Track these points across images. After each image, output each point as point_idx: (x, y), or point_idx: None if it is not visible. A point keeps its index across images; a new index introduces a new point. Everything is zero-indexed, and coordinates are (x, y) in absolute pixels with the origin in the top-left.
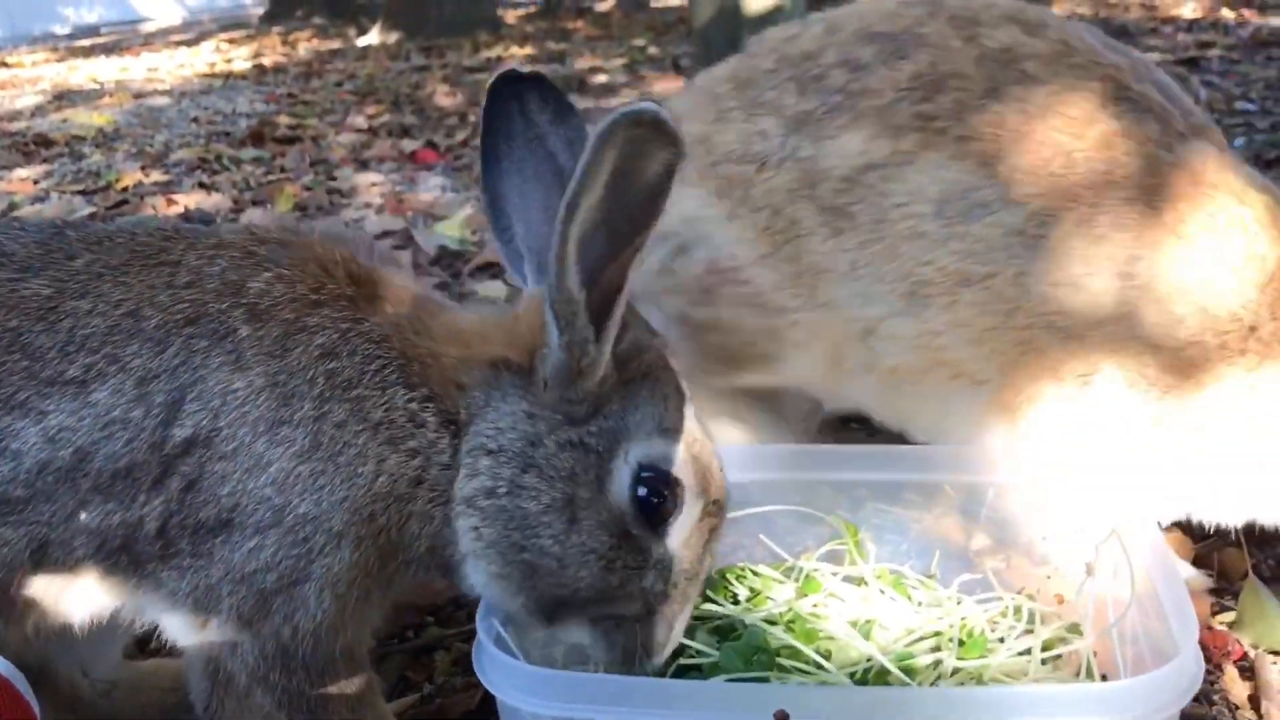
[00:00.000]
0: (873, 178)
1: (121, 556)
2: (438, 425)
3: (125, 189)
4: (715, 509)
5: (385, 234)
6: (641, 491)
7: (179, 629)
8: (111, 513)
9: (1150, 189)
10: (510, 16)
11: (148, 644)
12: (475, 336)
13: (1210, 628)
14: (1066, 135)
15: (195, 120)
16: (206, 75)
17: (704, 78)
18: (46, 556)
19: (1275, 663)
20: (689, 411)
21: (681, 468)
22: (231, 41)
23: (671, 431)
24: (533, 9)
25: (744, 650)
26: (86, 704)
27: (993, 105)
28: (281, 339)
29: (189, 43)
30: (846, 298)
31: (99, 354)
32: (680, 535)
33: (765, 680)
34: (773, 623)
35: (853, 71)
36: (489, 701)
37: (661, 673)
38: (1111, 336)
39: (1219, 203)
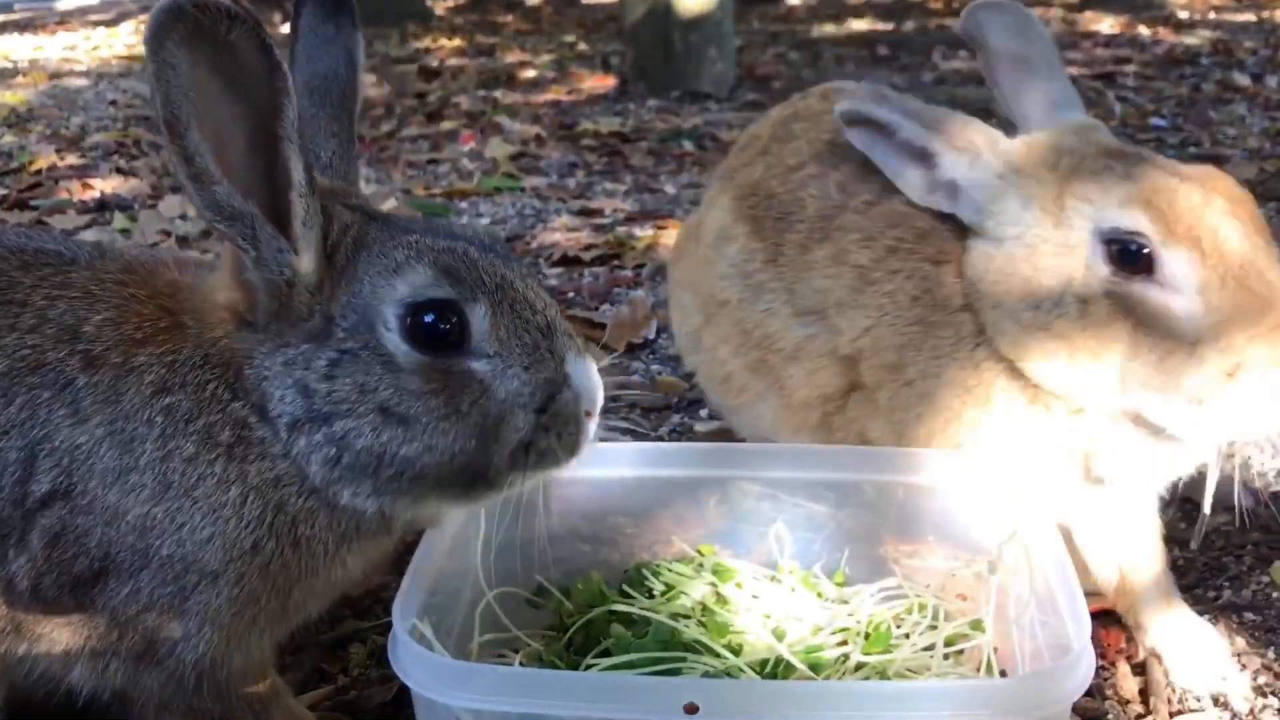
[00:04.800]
0: (705, 212)
1: (11, 615)
2: (258, 421)
3: (39, 171)
4: (502, 290)
5: None
6: (422, 335)
7: (82, 678)
8: None
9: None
10: (440, 8)
11: None
12: (213, 293)
13: (1106, 627)
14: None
15: (114, 103)
16: (126, 57)
17: None
18: None
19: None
20: (417, 237)
21: (436, 286)
22: None
23: (402, 266)
24: (463, 1)
25: (656, 643)
26: None
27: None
28: (114, 383)
29: (108, 23)
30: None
31: None
32: (488, 336)
33: (677, 673)
34: (685, 617)
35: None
36: (404, 694)
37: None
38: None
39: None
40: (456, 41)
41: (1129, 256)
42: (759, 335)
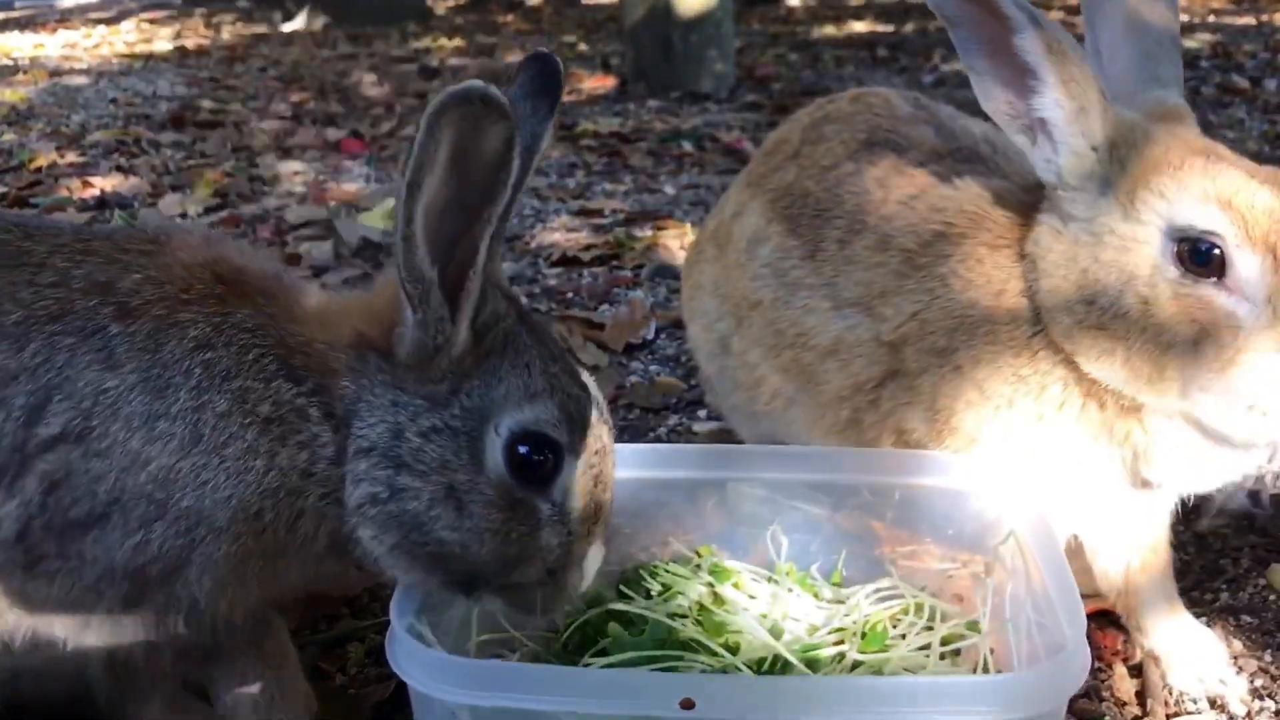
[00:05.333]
0: (733, 219)
1: None
2: (320, 418)
3: (39, 169)
4: (599, 459)
5: (307, 224)
6: (519, 460)
7: (62, 633)
8: None
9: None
10: (440, 7)
11: None
12: (338, 317)
13: (1102, 628)
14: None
15: (114, 101)
16: (126, 55)
17: None
18: None
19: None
20: (558, 370)
21: (555, 427)
22: (153, 22)
23: (539, 395)
24: (463, 1)
25: (652, 642)
26: None
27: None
28: (154, 334)
29: (109, 21)
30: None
31: None
32: (566, 490)
33: (674, 671)
34: (682, 616)
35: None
36: (402, 692)
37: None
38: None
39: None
40: (457, 41)
41: (1200, 257)
42: (793, 334)
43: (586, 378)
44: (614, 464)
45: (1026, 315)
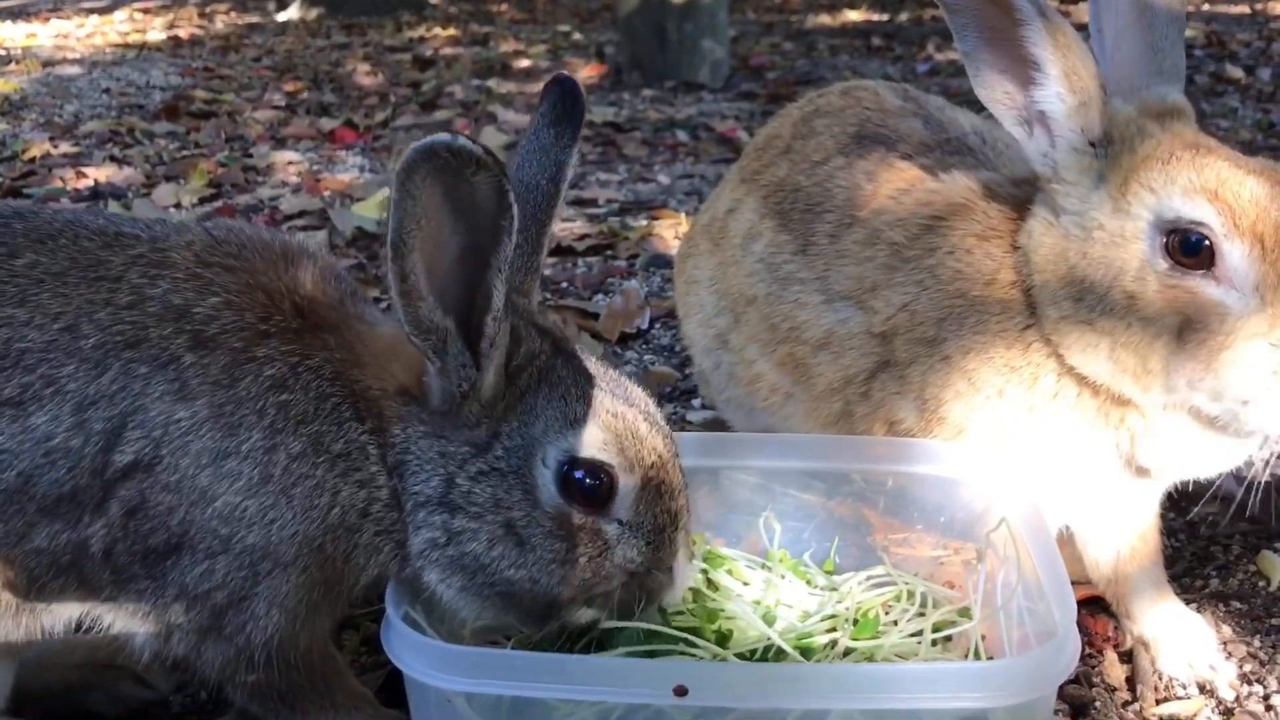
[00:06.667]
0: (727, 215)
1: (72, 576)
2: (378, 459)
3: (33, 159)
4: (656, 469)
5: (301, 214)
6: (573, 486)
7: (143, 643)
8: (59, 532)
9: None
10: None
11: None
12: (386, 361)
13: (1093, 615)
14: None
15: (107, 91)
16: (120, 45)
17: None
18: (5, 578)
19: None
20: (597, 392)
21: (603, 449)
22: (146, 11)
23: (580, 420)
24: None
25: (646, 630)
26: None
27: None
28: (229, 368)
29: (102, 11)
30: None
31: (35, 374)
32: (628, 506)
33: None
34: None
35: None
36: (397, 679)
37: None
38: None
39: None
40: (451, 31)
41: (1189, 248)
42: (787, 328)
43: (636, 393)
44: (676, 466)
45: (1019, 307)
